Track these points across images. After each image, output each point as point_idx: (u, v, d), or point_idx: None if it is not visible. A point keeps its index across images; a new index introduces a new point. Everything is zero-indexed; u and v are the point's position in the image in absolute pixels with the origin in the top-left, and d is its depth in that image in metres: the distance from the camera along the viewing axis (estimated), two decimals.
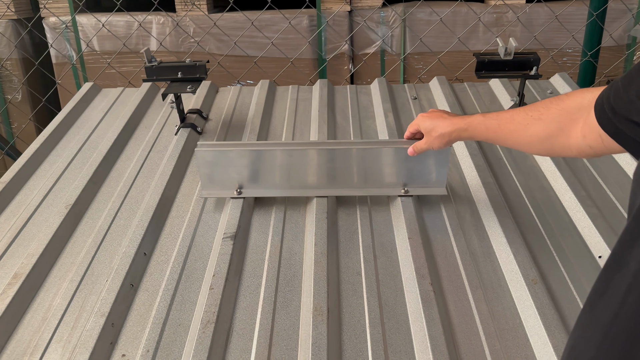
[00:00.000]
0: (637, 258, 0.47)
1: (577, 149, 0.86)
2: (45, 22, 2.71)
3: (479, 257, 1.10)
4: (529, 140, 0.94)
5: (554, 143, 0.90)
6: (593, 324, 0.52)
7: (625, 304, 0.47)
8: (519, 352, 0.89)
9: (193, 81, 1.55)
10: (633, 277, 0.47)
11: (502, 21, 2.74)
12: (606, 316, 0.50)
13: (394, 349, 0.90)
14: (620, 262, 0.50)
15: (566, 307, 0.97)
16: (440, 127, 1.06)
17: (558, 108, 0.89)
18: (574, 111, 0.85)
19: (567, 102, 0.88)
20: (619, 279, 0.49)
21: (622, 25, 2.76)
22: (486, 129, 1.00)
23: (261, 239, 1.17)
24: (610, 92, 0.72)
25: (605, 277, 0.52)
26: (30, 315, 1.01)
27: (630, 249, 0.48)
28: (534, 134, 0.92)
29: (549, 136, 0.90)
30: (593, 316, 0.52)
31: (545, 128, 0.90)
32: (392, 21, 2.75)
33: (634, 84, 0.65)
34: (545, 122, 0.90)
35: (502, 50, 1.55)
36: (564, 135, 0.87)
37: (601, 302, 0.51)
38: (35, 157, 1.51)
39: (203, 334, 0.91)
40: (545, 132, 0.90)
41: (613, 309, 0.49)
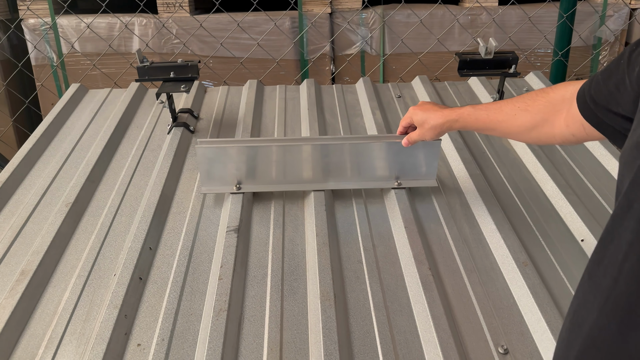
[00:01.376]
0: (629, 229, 0.53)
1: (561, 137, 0.93)
2: (24, 24, 2.68)
3: (471, 243, 1.17)
4: (517, 130, 1.01)
5: (540, 132, 0.97)
6: (594, 289, 0.58)
7: (623, 270, 0.53)
8: (515, 329, 0.96)
9: (185, 81, 1.58)
10: (628, 246, 0.53)
11: (476, 23, 2.85)
12: (606, 282, 0.55)
13: (399, 329, 0.96)
14: (614, 233, 0.56)
15: (555, 287, 1.05)
16: (432, 119, 1.13)
17: (543, 100, 0.96)
18: (558, 103, 0.93)
19: (551, 94, 0.95)
20: (614, 248, 0.55)
21: (589, 27, 2.90)
22: (476, 120, 1.07)
23: (263, 232, 1.21)
24: (591, 85, 0.80)
25: (601, 248, 0.58)
26: (41, 309, 1.03)
27: (622, 221, 0.55)
28: (521, 124, 1.00)
29: (535, 126, 0.97)
30: (592, 283, 0.58)
31: (532, 118, 0.98)
32: (371, 23, 2.82)
33: (613, 77, 0.73)
34: (531, 113, 0.98)
35: (482, 50, 1.63)
36: (548, 125, 0.95)
37: (599, 270, 0.57)
38: (28, 158, 1.51)
39: (217, 321, 0.94)
40: (532, 122, 0.98)
41: (612, 274, 0.55)
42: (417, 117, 1.16)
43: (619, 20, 2.96)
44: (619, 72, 0.70)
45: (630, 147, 0.56)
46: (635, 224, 0.52)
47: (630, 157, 0.55)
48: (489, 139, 1.58)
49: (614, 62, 0.74)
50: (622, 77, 0.69)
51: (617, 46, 3.03)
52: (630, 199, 0.54)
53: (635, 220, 0.52)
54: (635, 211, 0.52)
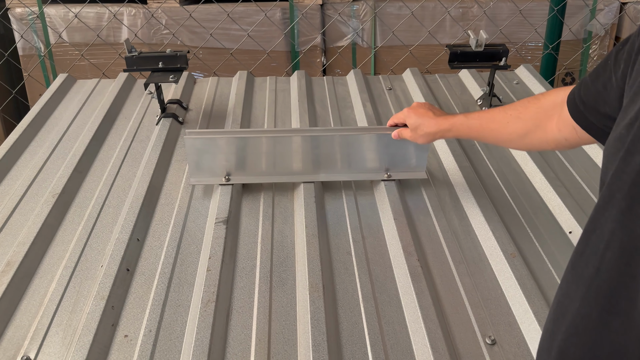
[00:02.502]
0: (611, 218, 0.54)
1: (554, 142, 0.94)
2: (11, 13, 2.64)
3: (460, 234, 1.17)
4: (509, 137, 1.02)
5: (533, 138, 0.98)
6: (576, 279, 0.58)
7: (604, 259, 0.54)
8: (503, 319, 0.96)
9: (174, 71, 1.57)
10: (610, 234, 0.54)
11: (468, 15, 2.85)
12: (588, 271, 0.56)
13: (387, 320, 0.96)
14: (596, 223, 0.56)
15: (542, 278, 1.05)
16: (426, 126, 1.14)
17: (535, 106, 0.97)
18: (549, 108, 0.94)
19: (543, 100, 0.96)
20: (595, 238, 0.56)
21: (580, 20, 2.91)
22: (469, 129, 1.08)
23: (252, 223, 1.20)
24: (581, 87, 0.81)
25: (584, 239, 0.59)
26: (27, 301, 1.02)
27: (604, 211, 0.55)
28: (513, 131, 1.00)
29: (527, 132, 0.98)
30: (575, 273, 0.59)
31: (524, 125, 0.98)
32: (362, 14, 2.81)
33: (601, 78, 0.73)
34: (523, 120, 0.98)
35: (473, 42, 1.63)
36: (541, 131, 0.96)
37: (582, 260, 0.58)
38: (15, 148, 1.49)
39: (205, 312, 0.94)
40: (524, 129, 0.98)
41: (594, 264, 0.55)
42: (411, 120, 1.17)
43: (609, 14, 2.97)
44: (606, 72, 0.71)
45: (614, 139, 0.56)
46: (617, 213, 0.52)
47: (613, 148, 0.55)
48: None
49: (602, 63, 0.75)
50: (609, 76, 0.70)
51: (607, 40, 3.04)
52: (612, 190, 0.54)
53: (617, 209, 0.52)
54: (617, 201, 0.53)
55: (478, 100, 1.77)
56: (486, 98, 1.73)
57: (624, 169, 0.53)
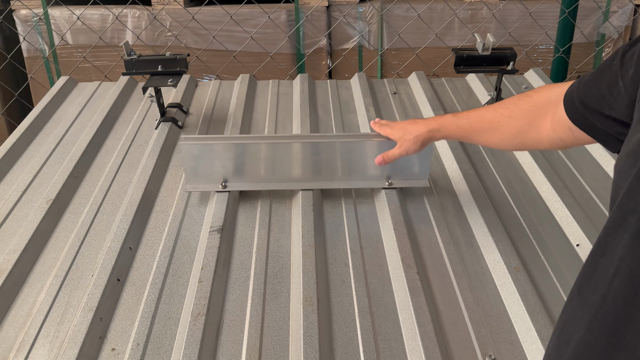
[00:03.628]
0: (621, 243, 0.50)
1: (548, 141, 0.89)
2: (16, 15, 2.64)
3: (462, 246, 1.13)
4: (501, 137, 0.98)
5: (525, 138, 0.93)
6: (582, 305, 0.54)
7: (612, 286, 0.50)
8: (504, 337, 0.92)
9: (174, 74, 1.54)
10: (619, 261, 0.50)
11: (477, 18, 2.79)
12: (595, 298, 0.52)
13: (384, 337, 0.92)
14: (606, 247, 0.52)
15: (547, 294, 1.01)
16: (414, 130, 1.09)
17: (527, 104, 0.92)
18: (543, 106, 0.89)
19: (535, 97, 0.91)
20: (605, 263, 0.52)
21: (592, 23, 2.84)
22: (458, 129, 1.04)
23: (248, 232, 1.17)
24: (580, 87, 0.76)
25: (592, 261, 0.55)
26: (14, 311, 1.00)
27: (615, 234, 0.51)
28: (505, 131, 0.96)
29: (519, 132, 0.94)
30: (582, 298, 0.55)
31: (516, 124, 0.94)
32: (369, 16, 2.77)
33: (605, 79, 0.69)
34: (515, 119, 0.94)
35: (480, 46, 1.59)
36: (534, 130, 0.91)
37: (589, 285, 0.54)
38: (12, 152, 1.47)
39: (194, 326, 0.91)
40: (516, 128, 0.94)
41: (601, 291, 0.51)
42: (397, 134, 1.13)
43: (623, 16, 2.91)
44: (611, 74, 0.67)
45: (626, 155, 0.52)
46: (628, 238, 0.48)
47: (625, 165, 0.51)
48: None
49: (606, 63, 0.70)
50: (614, 79, 0.65)
51: (621, 43, 2.97)
52: (623, 211, 0.50)
53: (628, 233, 0.48)
54: (629, 224, 0.49)
55: (485, 105, 1.73)
56: (493, 103, 1.68)
57: (637, 188, 0.49)
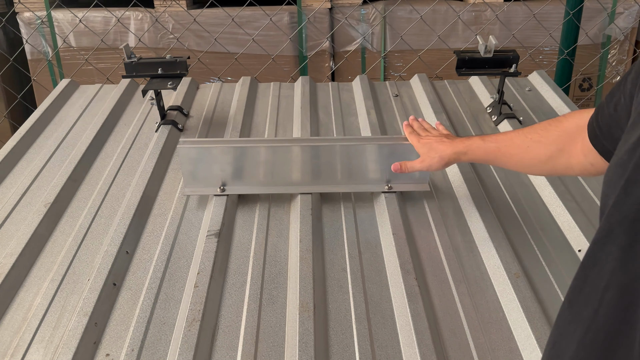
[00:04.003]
0: (611, 256, 0.48)
1: (579, 167, 0.88)
2: (19, 17, 2.65)
3: (462, 252, 1.11)
4: (530, 163, 0.96)
5: (556, 164, 0.92)
6: (574, 320, 0.53)
7: (603, 301, 0.49)
8: (503, 345, 0.91)
9: (174, 77, 1.54)
10: (610, 274, 0.48)
11: (480, 19, 2.78)
12: (586, 312, 0.51)
13: (380, 344, 0.91)
14: (595, 259, 0.51)
15: (548, 300, 0.99)
16: (440, 150, 1.08)
17: (557, 130, 0.91)
18: (573, 131, 0.88)
19: (565, 123, 0.90)
20: (595, 275, 0.50)
21: (598, 24, 2.82)
22: (485, 153, 1.02)
23: (245, 236, 1.16)
24: (598, 110, 0.75)
25: (582, 274, 0.53)
26: (10, 315, 0.99)
27: (603, 246, 0.50)
28: (535, 157, 0.94)
29: (550, 157, 0.92)
30: (573, 312, 0.53)
31: (546, 150, 0.92)
32: (372, 19, 2.76)
33: (614, 97, 0.68)
34: (545, 144, 0.92)
35: (482, 48, 1.57)
36: (565, 156, 0.89)
37: (580, 298, 0.53)
38: (12, 155, 1.47)
39: (189, 332, 0.90)
40: (546, 154, 0.92)
41: (593, 305, 0.50)
42: (423, 149, 1.11)
43: (629, 17, 2.88)
44: (619, 93, 0.66)
45: (615, 165, 0.51)
46: (617, 250, 0.47)
47: (614, 175, 0.50)
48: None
49: (618, 82, 0.69)
50: (619, 97, 0.65)
51: (627, 45, 2.94)
52: (611, 222, 0.49)
53: (617, 246, 0.47)
54: (616, 236, 0.47)
55: (487, 108, 1.71)
56: (496, 106, 1.67)
57: (624, 199, 0.47)
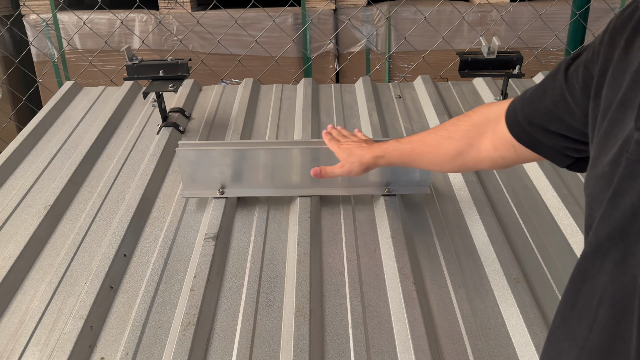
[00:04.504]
0: (602, 270, 0.47)
1: (489, 161, 0.87)
2: (25, 20, 2.67)
3: (462, 256, 1.10)
4: (442, 160, 0.96)
5: (466, 158, 0.91)
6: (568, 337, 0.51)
7: (597, 318, 0.47)
8: (501, 351, 0.89)
9: (175, 79, 1.54)
10: (602, 290, 0.47)
11: (486, 20, 2.75)
12: (581, 330, 0.49)
13: (377, 350, 0.90)
14: (586, 274, 0.50)
15: (548, 306, 0.98)
16: (359, 155, 1.07)
17: (466, 124, 0.91)
18: (482, 125, 0.87)
19: (474, 117, 0.90)
20: (587, 291, 0.49)
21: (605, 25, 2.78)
22: (401, 154, 1.02)
23: (243, 240, 1.15)
24: (524, 103, 0.74)
25: (573, 289, 0.52)
26: (7, 318, 0.99)
27: (594, 260, 0.48)
28: (446, 153, 0.94)
29: (460, 153, 0.92)
30: (567, 329, 0.52)
31: (456, 145, 0.92)
32: (377, 20, 2.75)
33: (549, 93, 0.67)
34: (455, 140, 0.92)
35: (485, 49, 1.56)
36: (474, 150, 0.89)
37: (573, 315, 0.51)
38: (14, 157, 1.48)
39: (183, 336, 0.90)
40: (457, 149, 0.92)
41: (587, 321, 0.48)
42: (342, 154, 1.10)
43: None
44: (555, 88, 0.65)
45: (596, 178, 0.49)
46: (609, 264, 0.46)
47: (597, 188, 0.49)
48: None
49: (549, 77, 0.68)
50: (559, 92, 0.63)
51: None
52: (599, 236, 0.47)
53: (608, 260, 0.46)
54: (607, 250, 0.46)
55: None
56: None
57: (611, 212, 0.46)
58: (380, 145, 1.06)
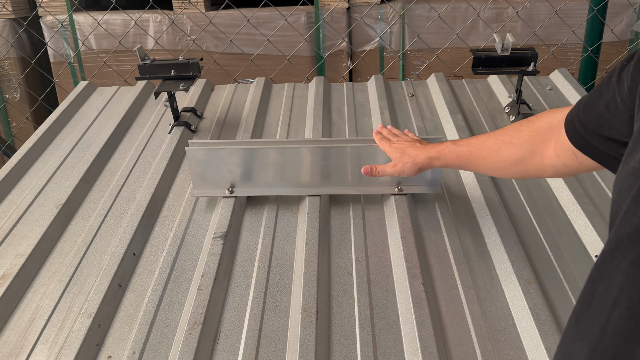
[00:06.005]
0: (620, 270, 0.45)
1: (552, 169, 0.85)
2: (42, 21, 2.71)
3: (473, 256, 1.08)
4: (502, 165, 0.93)
5: (528, 165, 0.89)
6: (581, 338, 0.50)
7: (611, 319, 0.46)
8: (511, 354, 0.87)
9: (186, 79, 1.54)
10: (618, 290, 0.45)
11: (502, 17, 2.72)
12: (594, 330, 0.48)
13: (384, 351, 0.88)
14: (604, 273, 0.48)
15: (560, 308, 0.95)
16: (413, 155, 1.06)
17: (529, 130, 0.88)
18: (545, 132, 0.85)
19: (537, 123, 0.87)
20: (603, 291, 0.48)
21: (625, 20, 2.72)
22: (457, 157, 1.00)
23: (252, 239, 1.15)
24: (580, 109, 0.72)
25: (589, 288, 0.50)
26: (17, 316, 1.00)
27: (612, 259, 0.47)
28: (506, 158, 0.92)
29: (521, 159, 0.89)
30: (580, 329, 0.50)
31: (518, 151, 0.89)
32: (390, 17, 2.73)
33: (603, 97, 0.64)
34: (517, 145, 0.90)
35: (499, 46, 1.53)
36: (537, 157, 0.86)
37: (588, 314, 0.50)
38: (28, 156, 1.50)
39: (190, 335, 0.89)
40: (518, 155, 0.89)
41: (600, 323, 0.47)
42: (394, 153, 1.09)
43: None
44: (609, 91, 0.62)
45: (626, 174, 0.47)
46: (627, 264, 0.44)
47: (626, 185, 0.47)
48: None
49: (604, 81, 0.66)
50: (612, 95, 0.61)
51: None
52: (620, 234, 0.46)
53: (626, 260, 0.44)
54: (627, 249, 0.44)
55: (506, 107, 1.67)
56: (514, 105, 1.62)
57: (634, 210, 0.44)
58: (435, 146, 1.04)
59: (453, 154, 1.00)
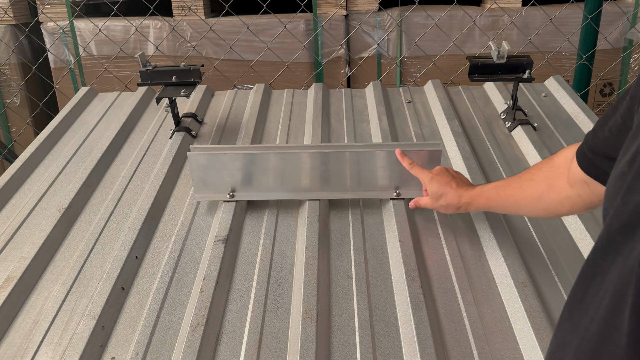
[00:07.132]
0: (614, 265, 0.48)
1: (568, 201, 0.86)
2: (43, 27, 2.73)
3: (470, 260, 1.10)
4: (525, 202, 0.96)
5: (547, 201, 0.91)
6: (573, 330, 0.52)
7: (599, 309, 0.48)
8: (508, 355, 0.89)
9: (187, 85, 1.56)
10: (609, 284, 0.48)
11: (498, 24, 2.75)
12: (584, 322, 0.50)
13: (383, 352, 0.90)
14: (596, 269, 0.50)
15: (555, 310, 0.97)
16: (448, 199, 1.09)
17: (547, 166, 0.92)
18: (561, 165, 0.87)
19: (555, 159, 0.91)
20: (596, 286, 0.50)
21: (618, 28, 2.77)
22: (487, 199, 1.04)
23: (253, 242, 1.17)
24: (589, 136, 0.74)
25: (582, 284, 0.53)
26: (21, 318, 1.02)
27: (605, 255, 0.49)
28: (528, 195, 0.95)
29: (541, 194, 0.92)
30: (572, 323, 0.53)
31: (537, 186, 0.92)
32: (388, 25, 2.76)
33: (610, 121, 0.66)
34: (536, 181, 0.93)
35: (495, 54, 1.56)
36: (554, 191, 0.89)
37: (580, 308, 0.52)
38: (30, 161, 1.52)
39: (192, 337, 0.91)
40: (538, 190, 0.92)
41: (591, 314, 0.49)
42: (434, 189, 1.12)
43: None
44: (616, 114, 0.64)
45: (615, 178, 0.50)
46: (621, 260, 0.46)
47: (614, 187, 0.49)
48: (499, 148, 1.51)
49: (612, 105, 0.68)
50: (615, 120, 0.63)
51: None
52: (611, 232, 0.48)
53: (620, 255, 0.46)
54: (618, 245, 0.46)
55: (502, 114, 1.70)
56: (510, 112, 1.65)
57: (623, 208, 0.46)
58: (468, 191, 1.07)
59: (483, 198, 1.04)
